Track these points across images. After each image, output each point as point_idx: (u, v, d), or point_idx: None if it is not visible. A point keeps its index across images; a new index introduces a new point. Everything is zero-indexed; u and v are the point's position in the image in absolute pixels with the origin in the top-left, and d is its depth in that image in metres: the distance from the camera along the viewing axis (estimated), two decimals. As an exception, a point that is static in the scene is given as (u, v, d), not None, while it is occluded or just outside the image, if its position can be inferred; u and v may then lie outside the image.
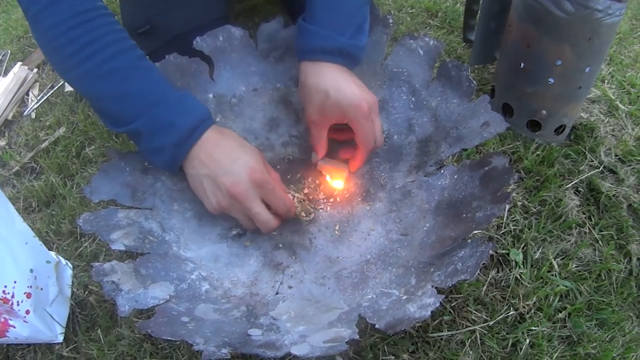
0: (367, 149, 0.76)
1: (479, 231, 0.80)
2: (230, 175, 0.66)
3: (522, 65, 0.87)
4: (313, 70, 0.73)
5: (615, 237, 0.83)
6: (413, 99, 0.80)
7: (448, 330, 0.71)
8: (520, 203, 0.85)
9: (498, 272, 0.77)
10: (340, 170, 0.78)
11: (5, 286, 0.64)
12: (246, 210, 0.69)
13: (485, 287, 0.75)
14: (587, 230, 0.84)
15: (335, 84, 0.71)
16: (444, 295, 0.55)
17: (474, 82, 0.74)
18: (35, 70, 1.23)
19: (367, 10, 0.76)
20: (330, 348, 0.52)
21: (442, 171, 0.75)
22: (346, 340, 0.52)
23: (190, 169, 0.69)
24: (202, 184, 0.69)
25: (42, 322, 0.69)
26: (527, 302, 0.74)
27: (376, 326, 0.54)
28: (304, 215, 0.75)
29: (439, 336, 0.71)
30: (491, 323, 0.72)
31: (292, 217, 0.74)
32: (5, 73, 1.23)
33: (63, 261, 0.78)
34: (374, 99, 0.73)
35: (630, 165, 0.94)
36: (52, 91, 1.16)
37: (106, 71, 0.64)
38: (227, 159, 0.67)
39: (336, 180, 0.79)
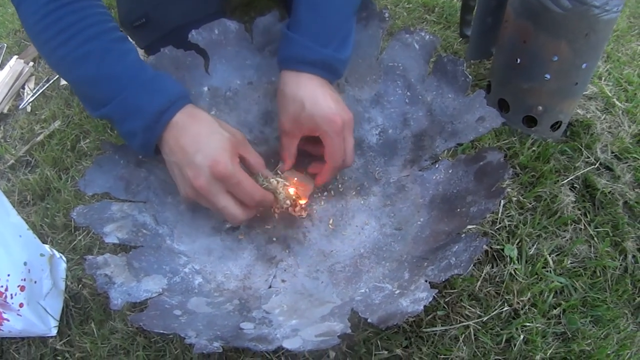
0: (334, 165, 0.73)
1: (474, 226, 0.80)
2: (192, 168, 0.63)
3: (518, 60, 0.87)
4: (292, 80, 0.71)
5: (611, 234, 0.83)
6: (408, 93, 0.80)
7: (442, 326, 0.71)
8: (515, 199, 0.85)
9: (492, 267, 0.77)
10: (305, 185, 0.76)
11: (-1, 279, 0.64)
12: (211, 204, 0.66)
13: (479, 282, 0.75)
14: (583, 227, 0.83)
15: (312, 95, 0.70)
16: (437, 290, 0.55)
17: (470, 76, 0.74)
18: (31, 63, 1.22)
19: (353, 23, 0.75)
20: (322, 342, 0.52)
21: (436, 166, 0.75)
22: (338, 334, 0.52)
23: (163, 153, 0.67)
24: (174, 171, 0.67)
25: (35, 315, 0.69)
26: (522, 298, 0.74)
27: (368, 320, 0.54)
28: (291, 205, 0.74)
29: (433, 331, 0.71)
30: (485, 318, 0.72)
31: (269, 208, 0.72)
32: (1, 66, 1.22)
33: (57, 254, 0.78)
34: (350, 116, 0.71)
35: (626, 163, 0.94)
36: (47, 85, 1.16)
37: (81, 55, 0.63)
38: (191, 148, 0.64)
39: (300, 195, 0.77)
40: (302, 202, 0.76)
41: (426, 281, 0.57)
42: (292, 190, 0.75)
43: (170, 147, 0.65)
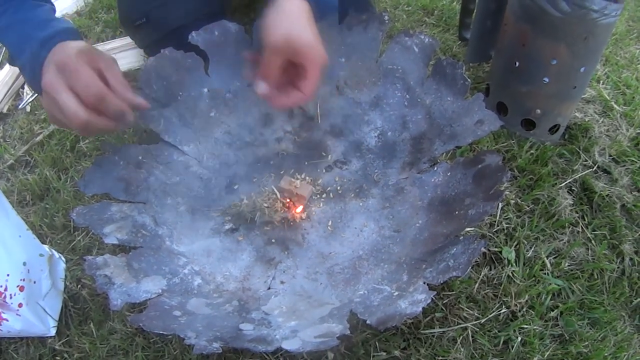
0: (308, 96, 0.69)
1: (472, 228, 0.81)
2: (45, 68, 0.62)
3: (517, 64, 0.87)
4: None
5: (608, 237, 0.83)
6: (407, 96, 0.81)
7: (440, 327, 0.71)
8: (513, 201, 0.85)
9: (490, 269, 0.78)
10: (301, 194, 0.76)
11: (-2, 279, 0.64)
12: (54, 102, 0.61)
13: (477, 284, 0.75)
14: (580, 230, 0.84)
15: (307, 25, 0.67)
16: (435, 292, 0.55)
17: (469, 79, 0.74)
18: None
19: None
20: (321, 343, 0.52)
21: (435, 168, 0.75)
22: (337, 335, 0.53)
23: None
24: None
25: (34, 315, 0.69)
26: (519, 300, 0.74)
27: (367, 322, 0.54)
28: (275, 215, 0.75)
29: (431, 333, 0.71)
30: (483, 320, 0.72)
31: (111, 111, 0.64)
32: (1, 66, 1.22)
33: (56, 254, 0.78)
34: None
35: (624, 166, 0.94)
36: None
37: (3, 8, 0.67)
38: (52, 58, 0.62)
39: (296, 203, 0.77)
40: (298, 210, 0.77)
41: (424, 283, 0.57)
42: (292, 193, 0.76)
43: (45, 70, 0.63)
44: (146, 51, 0.96)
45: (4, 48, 1.28)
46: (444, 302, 0.74)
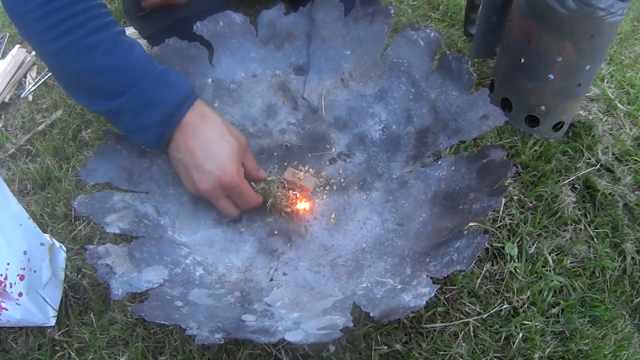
0: None
1: (474, 223, 0.80)
2: (200, 172, 0.66)
3: (522, 60, 0.87)
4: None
5: (610, 235, 0.83)
6: (412, 89, 0.80)
7: (441, 322, 0.71)
8: (516, 197, 0.85)
9: (493, 265, 0.78)
10: (305, 186, 0.76)
11: (-2, 267, 0.64)
12: (211, 202, 0.70)
13: (479, 279, 0.75)
14: (583, 227, 0.84)
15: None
16: (439, 286, 0.55)
17: (474, 74, 0.74)
18: (33, 52, 1.22)
19: None
20: (324, 335, 0.52)
21: (439, 162, 0.75)
22: (340, 328, 0.52)
23: (170, 149, 0.69)
24: (179, 169, 0.69)
25: (34, 305, 0.69)
26: (521, 296, 0.74)
27: (371, 314, 0.54)
28: (285, 204, 0.74)
29: (432, 327, 0.71)
30: (485, 316, 0.72)
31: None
32: (3, 55, 1.21)
33: (57, 244, 0.78)
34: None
35: (627, 165, 0.94)
36: (49, 74, 1.15)
37: (89, 44, 0.61)
38: (201, 153, 0.66)
39: (300, 195, 0.76)
40: (303, 205, 0.76)
41: (428, 277, 0.57)
42: (293, 192, 0.76)
43: (178, 147, 0.67)
44: (150, 41, 0.96)
45: (6, 37, 1.27)
46: (446, 296, 0.73)
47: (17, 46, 1.21)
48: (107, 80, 0.63)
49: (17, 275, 0.66)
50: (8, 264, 0.65)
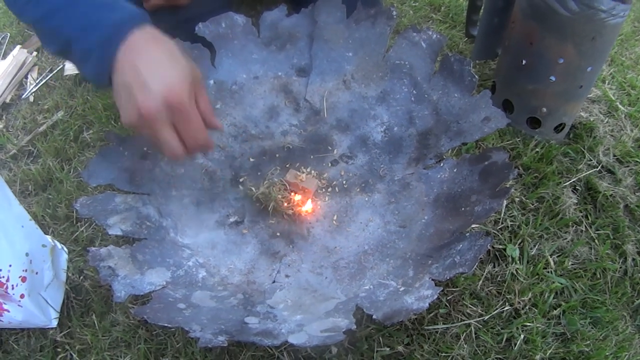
0: None
1: (476, 225, 0.80)
2: (144, 91, 0.57)
3: (524, 62, 0.87)
4: None
5: (611, 237, 0.83)
6: (414, 91, 0.80)
7: (443, 324, 0.71)
8: (518, 199, 0.85)
9: (494, 267, 0.78)
10: (307, 188, 0.76)
11: (0, 269, 0.64)
12: (152, 133, 0.59)
13: (481, 281, 0.75)
14: (584, 229, 0.84)
15: None
16: (441, 288, 0.55)
17: (476, 76, 0.74)
18: (35, 53, 1.22)
19: None
20: (327, 337, 0.52)
21: (441, 164, 0.75)
22: (343, 330, 0.52)
23: (114, 75, 0.59)
24: (120, 94, 0.59)
25: (36, 306, 0.69)
26: (523, 298, 0.74)
27: (374, 317, 0.54)
28: (286, 207, 0.75)
29: (434, 329, 0.71)
30: (486, 317, 0.72)
31: (209, 151, 0.67)
32: (4, 56, 1.21)
33: (59, 245, 0.78)
34: None
35: (628, 166, 0.94)
36: (51, 75, 1.15)
37: None
38: (147, 70, 0.57)
39: (303, 197, 0.76)
40: (309, 207, 0.76)
41: (430, 279, 0.57)
42: (296, 195, 0.76)
43: (122, 67, 0.58)
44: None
45: (7, 37, 1.27)
46: (448, 298, 0.74)
47: (18, 47, 1.21)
48: (59, 16, 0.59)
49: (19, 277, 0.66)
50: (10, 265, 0.65)
